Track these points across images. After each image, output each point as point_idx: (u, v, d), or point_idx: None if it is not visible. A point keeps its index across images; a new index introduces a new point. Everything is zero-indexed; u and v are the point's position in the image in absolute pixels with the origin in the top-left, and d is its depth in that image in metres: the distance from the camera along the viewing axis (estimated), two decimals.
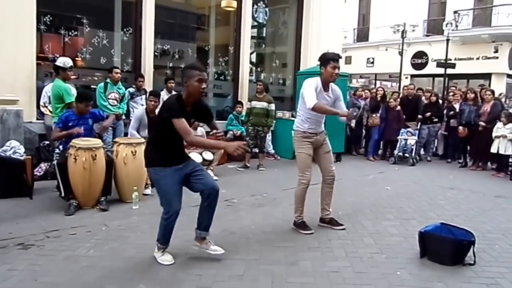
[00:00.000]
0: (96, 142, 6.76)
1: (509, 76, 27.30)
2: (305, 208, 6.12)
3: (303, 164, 5.97)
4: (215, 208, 4.79)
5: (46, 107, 8.84)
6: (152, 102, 7.96)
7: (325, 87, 5.90)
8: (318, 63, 6.07)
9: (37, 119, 9.13)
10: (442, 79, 24.70)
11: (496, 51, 26.70)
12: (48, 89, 8.82)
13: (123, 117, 9.61)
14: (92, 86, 9.97)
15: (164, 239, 4.72)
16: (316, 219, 6.32)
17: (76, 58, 10.17)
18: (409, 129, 12.77)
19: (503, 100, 15.27)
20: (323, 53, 6.05)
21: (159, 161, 4.55)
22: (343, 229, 6.14)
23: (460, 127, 12.31)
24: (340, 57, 5.96)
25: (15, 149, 7.39)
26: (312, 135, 5.98)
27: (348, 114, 5.83)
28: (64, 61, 7.85)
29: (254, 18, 13.93)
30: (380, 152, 13.89)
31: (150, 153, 4.69)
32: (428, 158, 13.53)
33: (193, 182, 4.68)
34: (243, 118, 11.57)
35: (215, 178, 8.84)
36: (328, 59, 5.80)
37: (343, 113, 5.81)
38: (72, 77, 8.31)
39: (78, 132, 6.81)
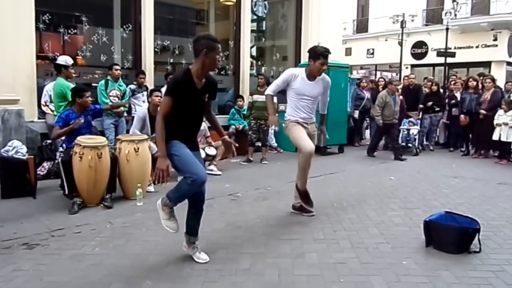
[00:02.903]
0: (102, 140, 6.77)
1: (509, 63, 27.23)
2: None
3: (297, 137, 6.02)
4: (201, 213, 4.73)
5: (47, 106, 8.83)
6: (157, 98, 7.97)
7: (311, 77, 6.01)
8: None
9: (39, 118, 9.12)
10: (442, 68, 24.68)
11: (496, 39, 26.64)
12: (49, 88, 8.82)
13: (125, 114, 9.60)
14: (93, 84, 9.96)
15: (175, 200, 4.41)
16: (318, 209, 6.40)
17: (76, 56, 10.17)
18: (411, 119, 12.78)
19: None
20: (314, 46, 6.13)
21: (171, 136, 4.29)
22: (313, 215, 6.29)
23: (462, 116, 12.33)
24: (330, 53, 6.03)
25: (17, 149, 7.38)
26: (304, 124, 6.07)
27: (273, 122, 6.11)
28: (65, 59, 7.89)
29: (253, 12, 13.93)
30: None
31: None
32: (431, 148, 13.53)
33: None
34: (245, 112, 11.58)
35: (219, 173, 8.87)
36: (318, 54, 5.91)
37: (271, 120, 6.11)
38: (73, 75, 8.31)
39: (79, 125, 6.80)
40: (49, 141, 8.48)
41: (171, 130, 4.30)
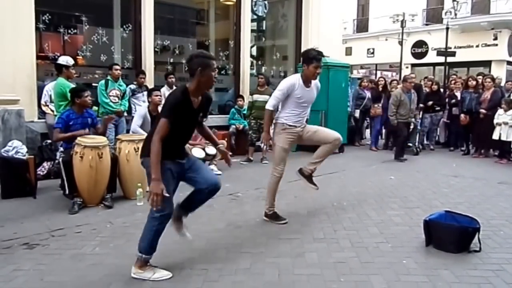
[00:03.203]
0: (102, 140, 6.76)
1: (509, 63, 27.26)
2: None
3: (278, 158, 6.06)
4: (206, 199, 4.62)
5: (47, 106, 8.84)
6: (158, 97, 7.99)
7: (307, 82, 5.95)
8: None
9: (39, 118, 9.13)
10: (442, 67, 24.67)
11: (496, 39, 26.67)
12: (49, 88, 8.84)
13: (125, 114, 9.60)
14: (93, 84, 9.96)
15: (151, 248, 4.30)
16: (318, 209, 6.40)
17: (77, 56, 10.16)
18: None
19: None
20: (306, 50, 6.07)
21: (162, 153, 4.10)
22: (316, 189, 6.38)
23: (462, 115, 12.35)
24: (323, 56, 5.97)
25: (17, 149, 7.38)
26: (291, 127, 6.04)
27: (266, 140, 6.23)
28: (66, 60, 7.92)
29: (253, 12, 13.94)
30: (382, 142, 13.94)
31: (149, 145, 4.16)
32: (431, 147, 13.54)
33: (192, 177, 4.44)
34: (245, 112, 11.58)
35: (219, 172, 8.86)
36: (311, 58, 5.81)
37: (265, 137, 6.24)
38: (74, 75, 8.33)
39: (83, 134, 6.79)
40: (49, 141, 8.50)
41: (163, 146, 4.12)
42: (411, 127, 12.38)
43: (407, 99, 11.28)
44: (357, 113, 13.80)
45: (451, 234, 4.98)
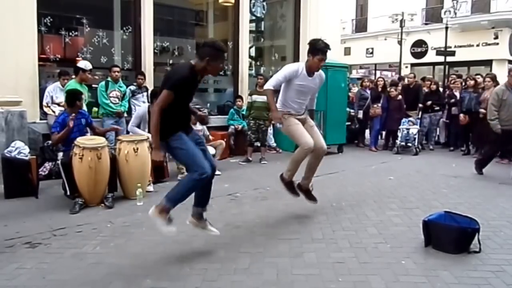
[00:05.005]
0: (101, 141, 6.80)
1: (510, 62, 27.19)
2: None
3: (300, 133, 5.97)
4: (211, 184, 4.82)
5: (49, 107, 8.90)
6: None
7: (310, 73, 6.00)
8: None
9: (41, 119, 9.18)
10: (442, 67, 24.68)
11: (496, 37, 26.64)
12: (50, 89, 8.95)
13: (125, 114, 9.65)
14: (94, 85, 10.00)
15: (177, 201, 4.48)
16: (317, 209, 6.47)
17: (77, 58, 10.19)
18: (410, 119, 12.77)
19: None
20: (314, 40, 6.03)
21: (172, 129, 4.38)
22: (315, 203, 6.46)
23: (461, 115, 12.30)
24: (330, 49, 6.01)
25: (20, 149, 7.43)
26: (296, 115, 6.07)
27: (277, 119, 5.98)
28: (85, 64, 8.35)
29: (252, 13, 13.92)
30: (382, 142, 13.93)
31: (160, 126, 4.35)
32: (431, 147, 13.54)
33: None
34: (244, 112, 11.61)
35: (218, 173, 8.86)
36: (318, 50, 5.87)
37: (275, 116, 5.99)
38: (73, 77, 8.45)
39: (72, 121, 6.89)
40: (50, 141, 8.54)
41: (171, 121, 4.36)
42: (412, 128, 12.44)
43: (511, 98, 8.98)
44: (360, 114, 13.73)
45: (450, 235, 4.98)
